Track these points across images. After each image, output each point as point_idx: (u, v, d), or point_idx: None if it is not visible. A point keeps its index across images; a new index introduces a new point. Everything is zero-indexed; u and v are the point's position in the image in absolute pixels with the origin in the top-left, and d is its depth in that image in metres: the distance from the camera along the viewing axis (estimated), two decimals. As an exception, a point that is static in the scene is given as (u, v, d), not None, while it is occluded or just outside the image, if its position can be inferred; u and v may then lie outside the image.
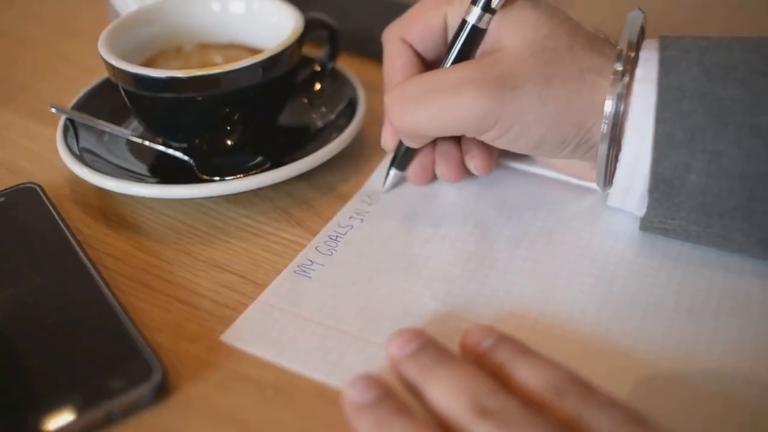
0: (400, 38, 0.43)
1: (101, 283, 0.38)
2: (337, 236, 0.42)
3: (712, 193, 0.36)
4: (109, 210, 0.45)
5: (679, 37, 0.38)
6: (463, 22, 0.40)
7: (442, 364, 0.32)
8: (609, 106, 0.37)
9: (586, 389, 0.30)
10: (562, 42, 0.38)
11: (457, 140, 0.44)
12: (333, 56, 0.51)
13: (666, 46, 0.37)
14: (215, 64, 0.46)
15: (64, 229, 0.42)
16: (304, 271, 0.40)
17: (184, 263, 0.41)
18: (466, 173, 0.44)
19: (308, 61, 0.51)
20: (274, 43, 0.44)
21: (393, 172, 0.45)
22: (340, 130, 0.47)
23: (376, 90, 0.55)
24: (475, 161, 0.43)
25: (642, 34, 0.39)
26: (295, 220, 0.44)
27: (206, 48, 0.50)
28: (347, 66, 0.53)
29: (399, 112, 0.40)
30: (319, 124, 0.50)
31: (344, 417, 0.31)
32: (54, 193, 0.45)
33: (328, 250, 0.41)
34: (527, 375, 0.31)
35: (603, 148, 0.38)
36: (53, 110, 0.48)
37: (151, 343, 0.35)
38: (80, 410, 0.32)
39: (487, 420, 0.29)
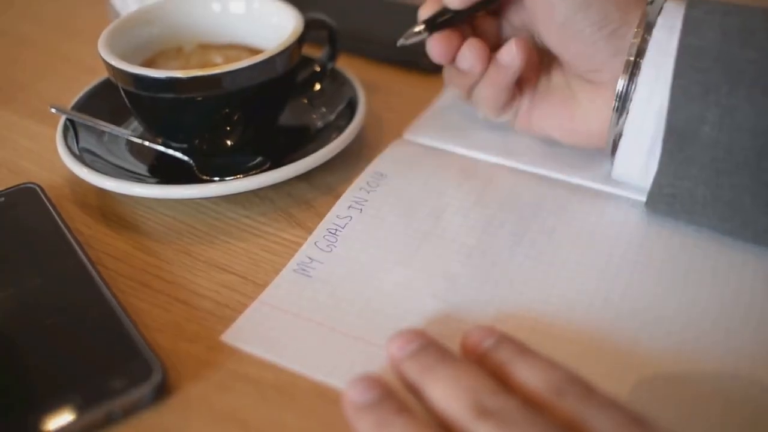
0: None
1: (101, 283, 0.38)
2: (336, 230, 0.42)
3: (723, 147, 0.37)
4: (109, 210, 0.45)
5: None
6: None
7: (443, 364, 0.32)
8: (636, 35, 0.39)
9: (586, 390, 0.30)
10: None
11: (492, 31, 0.46)
12: (333, 56, 0.51)
13: (693, 4, 0.39)
14: (215, 65, 0.46)
15: (64, 229, 0.42)
16: (304, 270, 0.40)
17: (184, 263, 0.41)
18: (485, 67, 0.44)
19: (308, 61, 0.51)
20: (274, 44, 0.44)
21: (420, 27, 0.44)
22: (340, 130, 0.47)
23: (376, 90, 0.55)
24: (513, 44, 0.43)
25: None
26: (295, 221, 0.44)
27: (206, 48, 0.50)
28: (347, 66, 0.53)
29: None
30: (319, 124, 0.50)
31: (344, 417, 0.31)
32: (54, 194, 0.45)
33: (328, 246, 0.41)
34: (527, 375, 0.31)
35: (621, 83, 0.39)
36: (53, 110, 0.48)
37: (151, 343, 0.35)
38: (80, 410, 0.32)
39: (487, 420, 0.29)
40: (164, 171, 0.46)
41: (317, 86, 0.52)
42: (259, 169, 0.44)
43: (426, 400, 0.31)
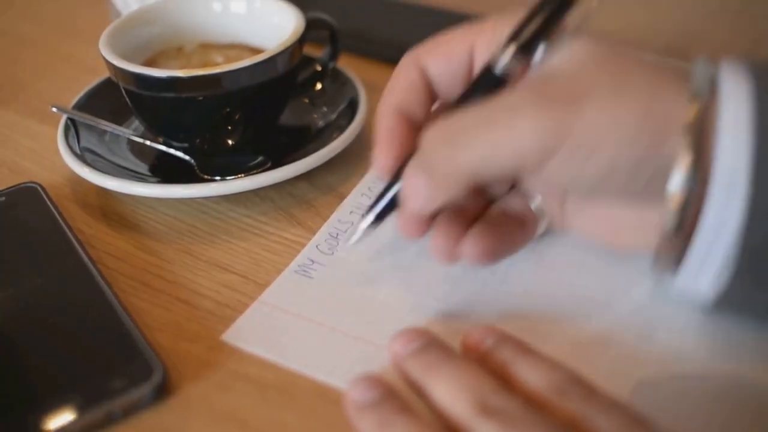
0: (416, 62, 0.37)
1: (102, 282, 0.38)
2: (337, 234, 0.42)
3: None
4: (110, 209, 0.45)
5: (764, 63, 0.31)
6: (487, 69, 0.34)
7: (446, 363, 0.32)
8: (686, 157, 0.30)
9: (588, 390, 0.30)
10: (627, 52, 0.33)
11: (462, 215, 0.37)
12: (334, 56, 0.51)
13: (759, 76, 0.30)
14: (216, 64, 0.46)
15: (65, 228, 0.42)
16: (305, 271, 0.40)
17: (185, 263, 0.41)
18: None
19: (309, 61, 0.51)
20: (275, 43, 0.44)
21: (368, 222, 0.37)
22: (341, 130, 0.47)
23: (377, 90, 0.54)
24: (471, 244, 0.36)
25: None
26: (296, 220, 0.44)
27: (207, 48, 0.50)
28: (348, 66, 0.53)
29: (448, 151, 0.32)
30: (320, 124, 0.50)
31: (345, 417, 0.31)
32: (55, 193, 0.45)
33: (329, 249, 0.41)
34: (529, 375, 0.31)
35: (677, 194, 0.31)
36: (54, 110, 0.48)
37: (151, 342, 0.35)
38: (81, 410, 0.32)
39: (489, 419, 0.29)
40: (165, 170, 0.46)
41: (318, 86, 0.52)
42: (260, 168, 0.44)
43: (428, 398, 0.31)
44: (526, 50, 0.33)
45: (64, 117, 0.48)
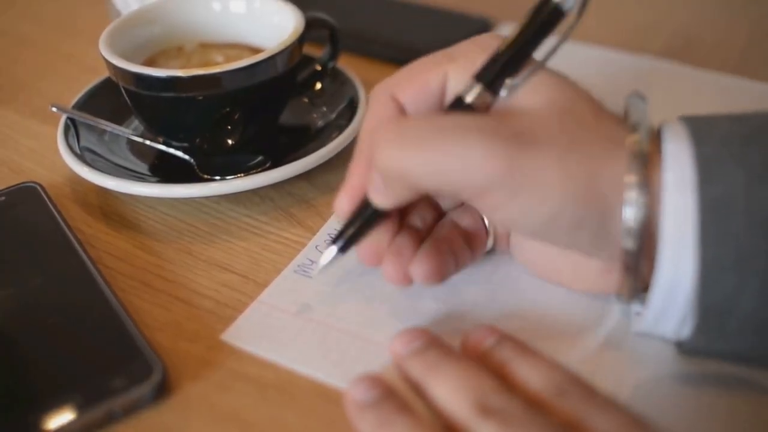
0: (390, 95, 0.36)
1: (102, 282, 0.38)
2: (337, 236, 0.42)
3: (766, 314, 0.30)
4: (110, 209, 0.45)
5: (711, 120, 0.32)
6: (458, 100, 0.34)
7: (446, 363, 0.32)
8: (631, 215, 0.31)
9: (587, 391, 0.30)
10: (589, 106, 0.33)
11: (417, 239, 0.37)
12: (334, 56, 0.51)
13: (699, 138, 0.31)
14: (216, 64, 0.46)
15: (65, 228, 0.42)
16: (305, 271, 0.40)
17: (185, 262, 0.41)
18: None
19: (309, 60, 0.51)
20: (274, 43, 0.44)
21: (333, 250, 0.36)
22: (340, 129, 0.47)
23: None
24: (417, 266, 0.35)
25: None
26: (295, 220, 0.44)
27: (207, 47, 0.50)
28: (348, 65, 0.53)
29: (391, 150, 0.32)
30: (320, 123, 0.50)
31: (345, 416, 0.31)
32: (55, 193, 0.45)
33: (329, 249, 0.41)
34: (528, 375, 0.31)
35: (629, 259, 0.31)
36: (54, 110, 0.48)
37: (151, 342, 0.35)
38: (81, 409, 0.32)
39: (489, 419, 0.29)
40: (165, 170, 0.46)
41: (318, 85, 0.52)
42: (260, 168, 0.44)
43: (429, 397, 0.31)
44: (492, 88, 0.34)
45: (63, 117, 0.48)
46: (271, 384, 0.34)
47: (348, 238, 0.36)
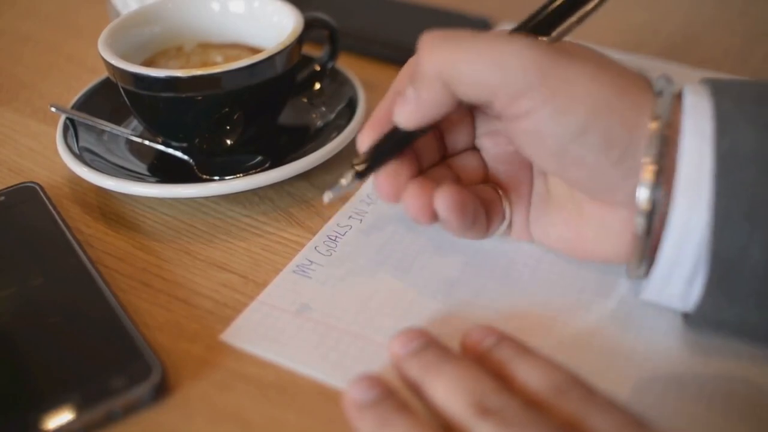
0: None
1: (101, 282, 0.38)
2: (336, 236, 0.42)
3: None
4: (109, 209, 0.45)
5: (728, 81, 0.33)
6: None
7: (445, 363, 0.32)
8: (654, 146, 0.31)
9: (587, 391, 0.30)
10: (618, 66, 0.34)
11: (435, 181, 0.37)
12: (333, 56, 0.51)
13: (718, 94, 0.32)
14: (215, 64, 0.46)
15: (64, 228, 0.42)
16: (304, 271, 0.40)
17: (184, 262, 0.41)
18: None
19: (308, 60, 0.51)
20: (274, 43, 0.44)
21: (351, 174, 0.37)
22: (339, 129, 0.47)
23: (376, 89, 0.55)
24: (445, 197, 0.35)
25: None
26: (295, 220, 0.44)
27: (206, 47, 0.50)
28: (347, 65, 0.53)
29: (437, 49, 0.33)
30: (319, 123, 0.50)
31: (345, 416, 0.31)
32: (54, 193, 0.45)
33: (327, 250, 0.41)
34: (528, 375, 0.31)
35: (644, 196, 0.32)
36: (53, 109, 0.48)
37: (151, 342, 0.35)
38: (80, 409, 0.32)
39: (488, 419, 0.29)
40: (164, 170, 0.46)
41: (317, 85, 0.52)
42: (259, 168, 0.44)
43: (427, 398, 0.31)
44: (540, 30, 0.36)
45: (63, 117, 0.48)
46: (270, 384, 0.34)
47: (369, 163, 0.36)
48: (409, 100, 0.35)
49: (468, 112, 0.39)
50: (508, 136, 0.37)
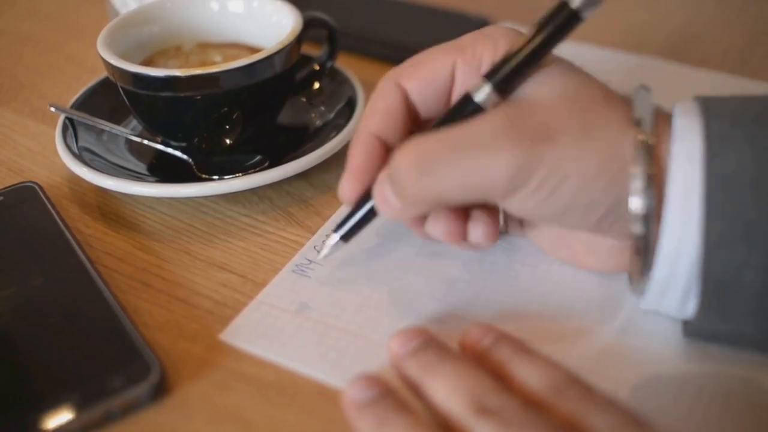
0: (396, 82, 0.37)
1: (100, 282, 0.38)
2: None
3: None
4: (108, 209, 0.45)
5: (723, 99, 0.33)
6: (466, 97, 0.35)
7: (444, 362, 0.32)
8: (639, 184, 0.31)
9: (586, 390, 0.30)
10: (597, 92, 0.33)
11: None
12: (332, 55, 0.51)
13: (709, 114, 0.31)
14: (214, 63, 0.46)
15: (64, 228, 0.42)
16: (303, 271, 0.40)
17: (184, 262, 0.41)
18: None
19: (307, 60, 0.51)
20: (273, 42, 0.44)
21: (336, 239, 0.38)
22: (338, 129, 0.47)
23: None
24: (482, 228, 0.36)
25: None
26: (294, 219, 0.44)
27: (206, 47, 0.50)
28: (346, 65, 0.53)
29: (417, 176, 0.33)
30: (318, 123, 0.50)
31: (344, 415, 0.31)
32: (53, 192, 0.45)
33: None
34: (527, 374, 0.31)
35: (638, 228, 0.32)
36: (52, 109, 0.48)
37: (150, 341, 0.35)
38: (79, 409, 0.32)
39: (487, 419, 0.29)
40: (163, 170, 0.46)
41: (316, 85, 0.52)
42: (258, 167, 0.44)
43: (426, 397, 0.31)
44: (501, 89, 0.34)
45: (62, 116, 0.48)
46: (270, 383, 0.34)
47: (351, 227, 0.37)
48: (393, 207, 0.35)
49: None
50: None
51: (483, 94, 0.34)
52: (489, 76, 0.34)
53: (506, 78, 0.34)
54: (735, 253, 0.30)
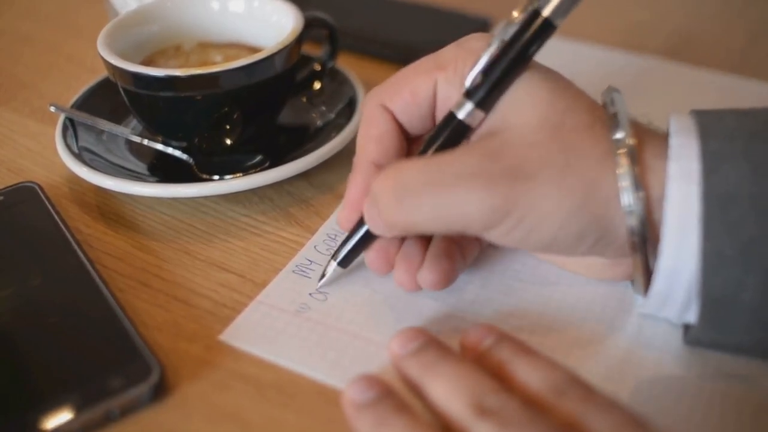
0: (381, 104, 0.37)
1: (100, 282, 0.38)
2: (335, 236, 0.42)
3: None
4: (108, 209, 0.45)
5: (718, 115, 0.32)
6: (450, 116, 0.35)
7: (444, 363, 0.32)
8: (628, 202, 0.31)
9: (586, 390, 0.30)
10: (582, 118, 0.33)
11: (425, 241, 0.37)
12: (332, 55, 0.51)
13: (707, 133, 0.31)
14: (215, 63, 0.46)
15: (63, 228, 0.42)
16: (303, 271, 0.40)
17: (183, 262, 0.41)
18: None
19: (308, 60, 0.51)
20: (273, 42, 0.44)
21: (334, 266, 0.38)
22: (339, 129, 0.47)
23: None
24: (426, 274, 0.36)
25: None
26: (294, 219, 0.44)
27: (206, 47, 0.50)
28: (347, 65, 0.53)
29: (393, 205, 0.33)
30: (319, 123, 0.50)
31: (344, 416, 0.31)
32: (53, 192, 0.45)
33: (327, 250, 0.41)
34: (527, 375, 0.31)
35: (638, 258, 0.32)
36: (52, 109, 0.48)
37: (149, 342, 0.35)
38: (79, 409, 0.32)
39: (487, 419, 0.29)
40: (163, 170, 0.46)
41: (317, 85, 0.52)
42: (259, 167, 0.44)
43: (426, 398, 0.31)
44: (483, 106, 0.34)
45: (62, 116, 0.48)
46: (269, 384, 0.34)
47: (348, 252, 0.38)
48: (378, 228, 0.35)
49: None
50: None
51: (465, 112, 0.34)
52: (470, 95, 0.34)
53: (487, 95, 0.34)
54: (733, 271, 0.30)
